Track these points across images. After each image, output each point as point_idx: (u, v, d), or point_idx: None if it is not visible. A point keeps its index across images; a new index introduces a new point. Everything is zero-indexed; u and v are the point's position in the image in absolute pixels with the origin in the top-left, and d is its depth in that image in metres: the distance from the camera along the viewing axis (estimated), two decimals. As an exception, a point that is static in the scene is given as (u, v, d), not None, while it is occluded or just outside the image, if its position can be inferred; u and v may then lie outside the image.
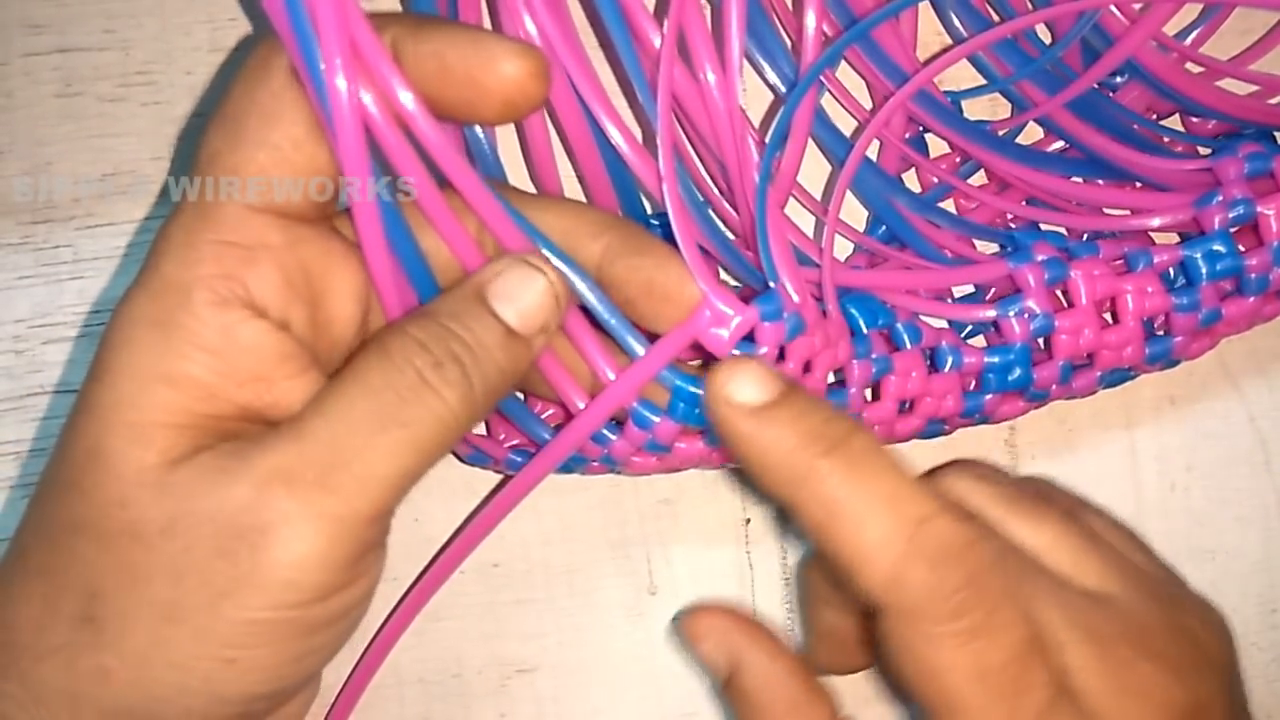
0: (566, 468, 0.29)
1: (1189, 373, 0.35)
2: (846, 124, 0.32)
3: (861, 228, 0.33)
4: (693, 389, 0.26)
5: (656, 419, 0.27)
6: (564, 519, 0.33)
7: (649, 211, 0.31)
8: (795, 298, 0.27)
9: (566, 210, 0.27)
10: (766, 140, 0.29)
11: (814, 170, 0.33)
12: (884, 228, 0.33)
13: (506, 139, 0.30)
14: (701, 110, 0.28)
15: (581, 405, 0.27)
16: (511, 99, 0.23)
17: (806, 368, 0.28)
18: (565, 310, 0.25)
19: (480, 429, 0.31)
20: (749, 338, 0.26)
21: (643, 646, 0.34)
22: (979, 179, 0.34)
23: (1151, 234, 0.32)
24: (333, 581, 0.23)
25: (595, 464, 0.29)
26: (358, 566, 0.23)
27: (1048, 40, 0.33)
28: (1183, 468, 0.35)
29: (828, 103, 0.32)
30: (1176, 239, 0.32)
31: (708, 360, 0.27)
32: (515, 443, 0.30)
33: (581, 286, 0.26)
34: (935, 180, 0.33)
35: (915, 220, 0.32)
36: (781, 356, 0.27)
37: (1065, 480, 0.35)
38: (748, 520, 0.34)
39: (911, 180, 0.34)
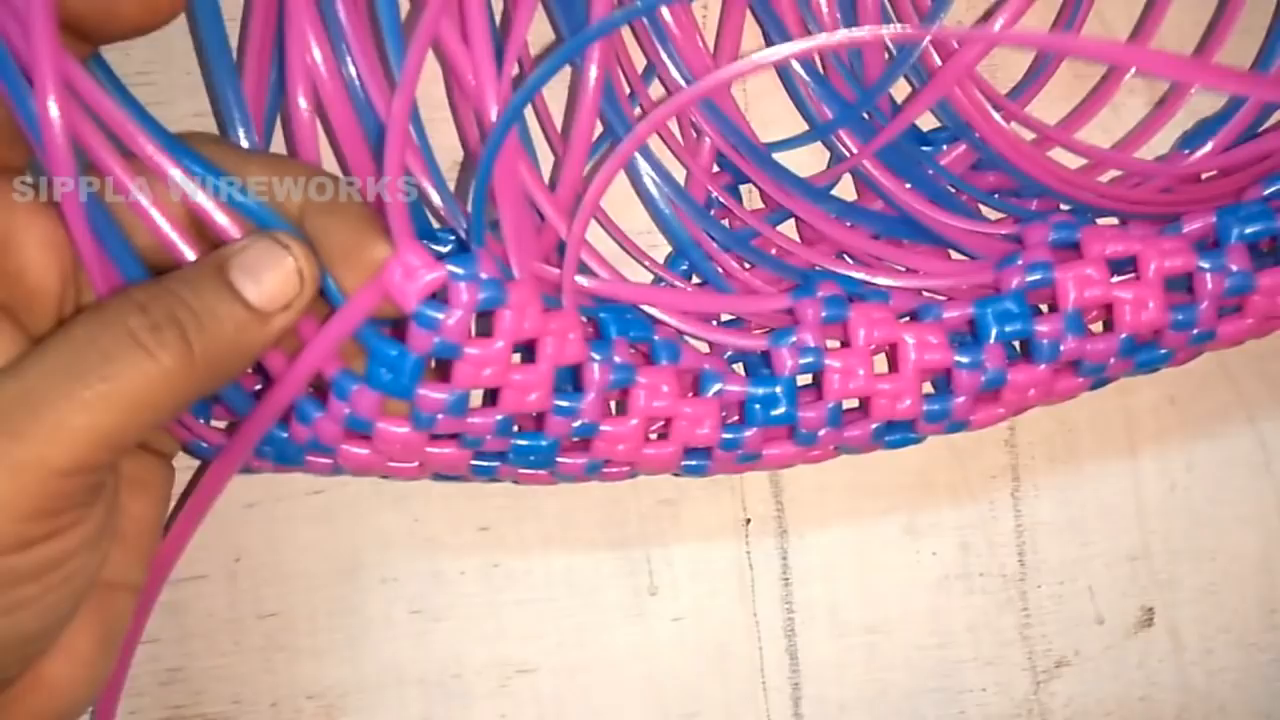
0: (284, 459, 0.28)
1: (1189, 373, 0.35)
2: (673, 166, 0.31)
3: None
4: (391, 351, 0.25)
5: (355, 387, 0.26)
6: (564, 519, 0.33)
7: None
8: (516, 272, 0.26)
9: (271, 163, 0.26)
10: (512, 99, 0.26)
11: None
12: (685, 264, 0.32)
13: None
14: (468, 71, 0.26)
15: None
16: None
17: (531, 355, 0.27)
18: (314, 290, 0.24)
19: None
20: (444, 298, 0.25)
21: (643, 646, 0.34)
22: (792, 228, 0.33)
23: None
24: (21, 532, 0.22)
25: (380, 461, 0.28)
26: (55, 520, 0.23)
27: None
28: (1183, 468, 0.35)
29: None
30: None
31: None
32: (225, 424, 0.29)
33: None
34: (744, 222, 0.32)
35: (718, 257, 0.31)
36: (491, 330, 0.26)
37: (1066, 482, 0.35)
38: (748, 520, 0.34)
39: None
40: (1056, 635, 0.35)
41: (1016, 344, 0.31)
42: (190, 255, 0.24)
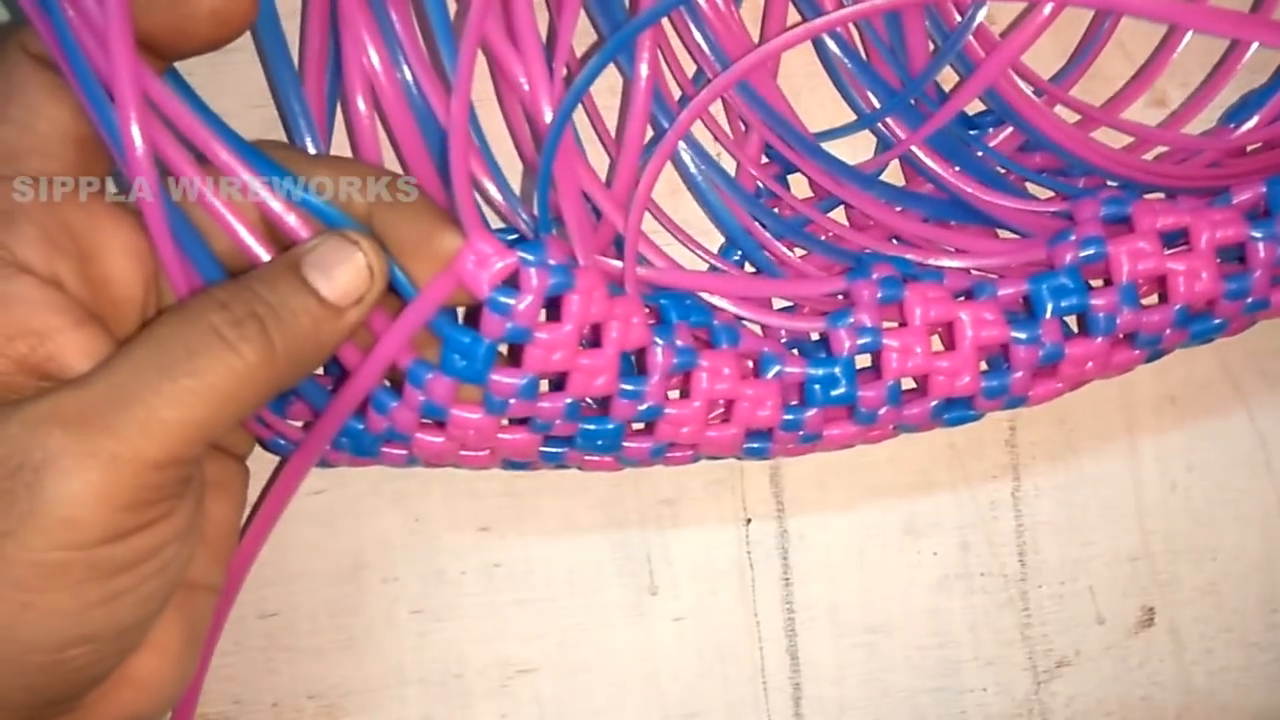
0: (361, 450, 0.29)
1: (1189, 373, 0.35)
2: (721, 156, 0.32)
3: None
4: (465, 338, 0.26)
5: (430, 375, 0.27)
6: (564, 519, 0.34)
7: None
8: (581, 258, 0.27)
9: (336, 165, 0.27)
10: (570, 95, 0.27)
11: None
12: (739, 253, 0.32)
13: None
14: (518, 70, 0.27)
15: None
16: (217, 10, 0.24)
17: (596, 340, 0.28)
18: (383, 284, 0.25)
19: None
20: (514, 285, 0.26)
21: (643, 646, 0.34)
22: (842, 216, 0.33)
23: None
24: (117, 522, 0.23)
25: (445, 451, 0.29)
26: (149, 510, 0.23)
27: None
28: (1183, 468, 0.36)
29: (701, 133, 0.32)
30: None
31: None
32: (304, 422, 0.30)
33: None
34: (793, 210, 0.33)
35: (769, 244, 0.32)
36: (559, 317, 0.27)
37: (1066, 482, 0.35)
38: (748, 520, 0.34)
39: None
40: (1057, 635, 0.35)
41: (1071, 319, 0.31)
42: (265, 256, 0.25)
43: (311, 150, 0.29)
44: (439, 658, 0.33)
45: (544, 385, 0.28)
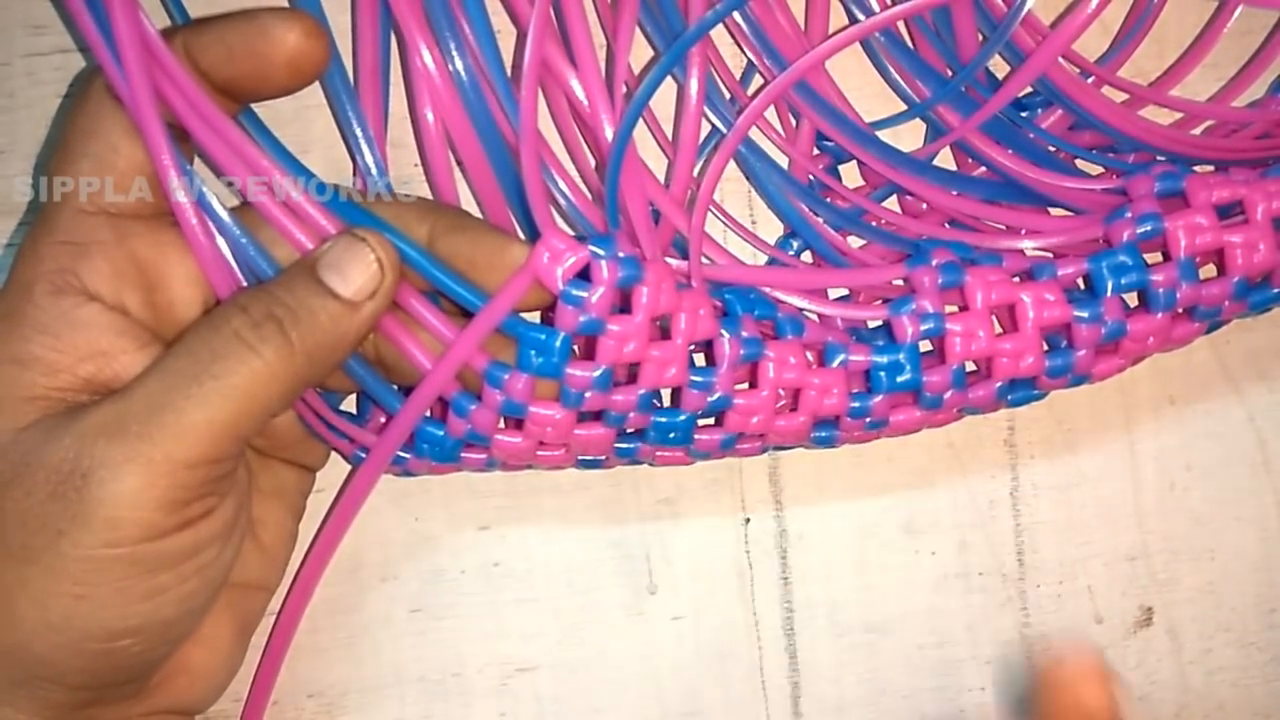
0: (442, 457, 0.29)
1: (1188, 373, 0.35)
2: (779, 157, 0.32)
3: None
4: (540, 335, 0.27)
5: (507, 375, 0.27)
6: (564, 519, 0.34)
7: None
8: (646, 251, 0.28)
9: (395, 201, 0.29)
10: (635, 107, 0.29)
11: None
12: (795, 243, 0.33)
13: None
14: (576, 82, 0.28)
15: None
16: (293, 60, 0.26)
17: (665, 333, 0.28)
18: (395, 277, 0.27)
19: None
20: (586, 277, 0.27)
21: (643, 646, 0.34)
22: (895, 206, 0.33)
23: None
24: (156, 521, 0.25)
25: (509, 456, 0.29)
26: (186, 510, 0.25)
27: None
28: (1182, 467, 0.36)
29: (759, 137, 0.32)
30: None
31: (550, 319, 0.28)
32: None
33: (415, 257, 0.27)
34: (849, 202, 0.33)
35: (829, 235, 0.32)
36: (629, 309, 0.28)
37: (1065, 481, 0.35)
38: (747, 520, 0.34)
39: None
40: (1056, 635, 0.35)
41: (1130, 296, 0.31)
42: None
43: (369, 159, 0.30)
44: (438, 656, 0.33)
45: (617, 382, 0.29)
